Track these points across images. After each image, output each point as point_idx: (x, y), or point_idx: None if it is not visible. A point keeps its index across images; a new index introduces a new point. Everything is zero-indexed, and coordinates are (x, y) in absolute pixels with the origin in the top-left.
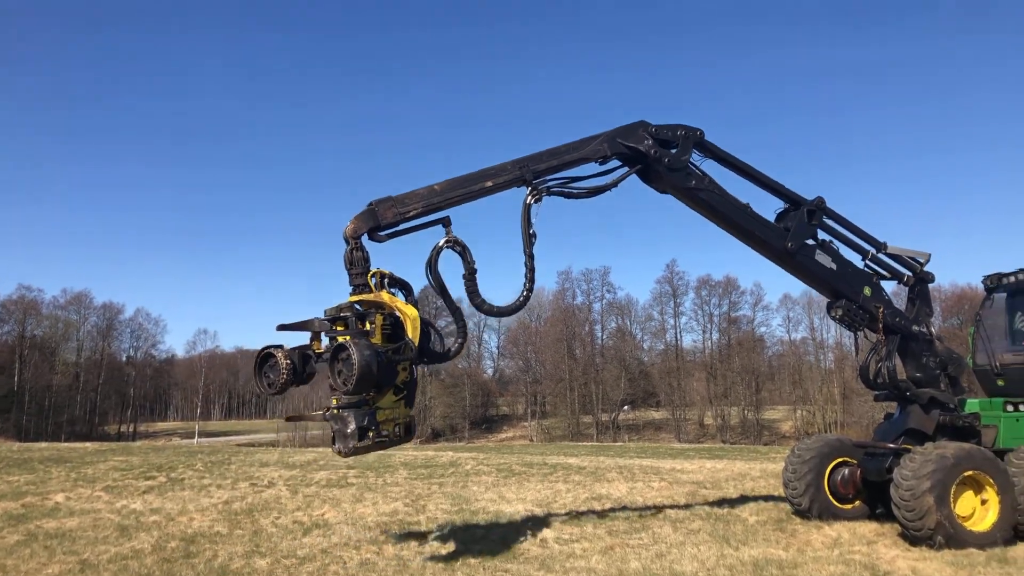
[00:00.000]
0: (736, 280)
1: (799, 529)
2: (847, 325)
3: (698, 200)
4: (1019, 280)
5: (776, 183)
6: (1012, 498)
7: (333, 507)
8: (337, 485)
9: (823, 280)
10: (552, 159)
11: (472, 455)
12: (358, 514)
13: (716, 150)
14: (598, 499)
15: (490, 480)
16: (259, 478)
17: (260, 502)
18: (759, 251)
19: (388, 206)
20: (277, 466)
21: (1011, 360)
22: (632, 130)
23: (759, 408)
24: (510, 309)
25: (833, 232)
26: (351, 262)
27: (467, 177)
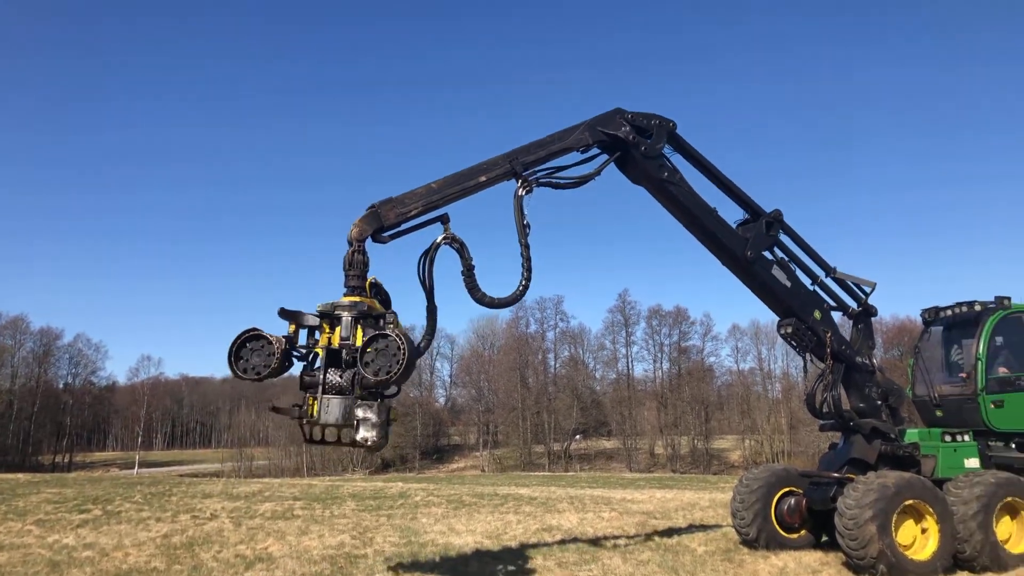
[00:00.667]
0: (686, 311)
1: (746, 559)
2: (795, 344)
3: (668, 194)
4: (956, 314)
5: (739, 190)
6: (951, 527)
7: (277, 540)
8: (282, 517)
9: (777, 295)
10: (539, 150)
11: (422, 486)
12: (303, 547)
13: (686, 145)
14: (549, 530)
15: (440, 511)
16: (201, 510)
17: (201, 535)
18: (720, 257)
19: (390, 207)
20: (220, 497)
21: (948, 391)
22: (610, 118)
23: (708, 437)
24: (511, 299)
25: (787, 250)
26: (351, 264)
27: (462, 174)
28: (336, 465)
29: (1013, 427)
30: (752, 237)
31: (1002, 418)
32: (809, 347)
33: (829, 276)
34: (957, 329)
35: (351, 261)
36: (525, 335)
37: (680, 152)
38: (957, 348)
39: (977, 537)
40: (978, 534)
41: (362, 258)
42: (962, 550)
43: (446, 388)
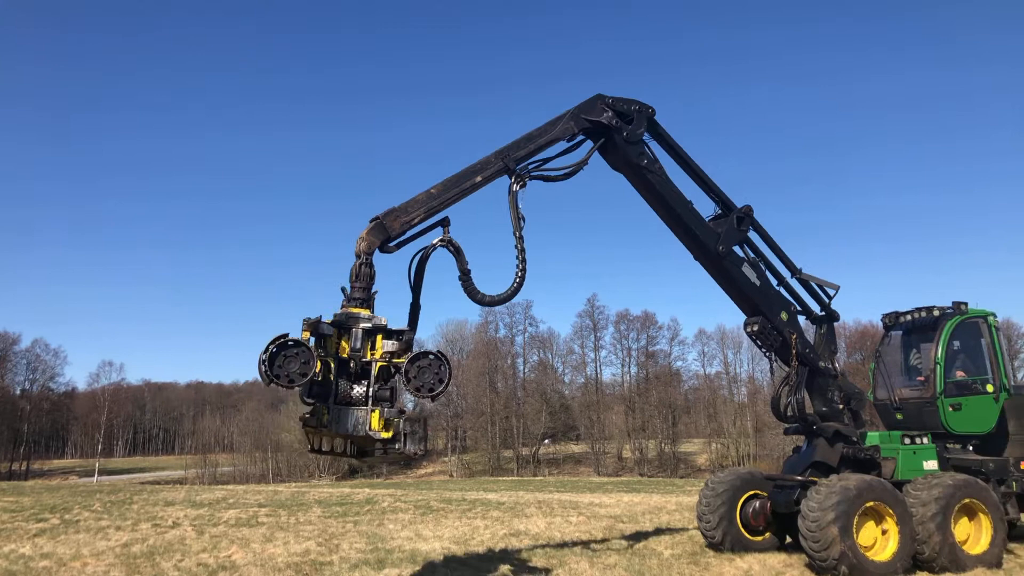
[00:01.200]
0: (654, 315)
1: (712, 562)
2: (760, 343)
3: (646, 182)
4: (915, 319)
5: (713, 183)
6: (911, 528)
7: (241, 548)
8: (247, 524)
9: (745, 293)
10: (529, 144)
11: (389, 492)
12: (268, 554)
13: (664, 133)
14: (516, 535)
15: (407, 517)
16: (163, 518)
17: (162, 544)
18: (692, 249)
19: (394, 217)
20: (183, 505)
21: (908, 395)
22: (592, 104)
23: (675, 441)
24: (507, 295)
25: (755, 248)
26: (358, 276)
27: (459, 176)
28: (302, 471)
29: (970, 430)
30: (724, 231)
31: (960, 421)
32: (774, 347)
33: (794, 276)
34: (916, 334)
35: (358, 273)
36: (494, 340)
37: (658, 140)
38: (916, 352)
39: (936, 538)
40: (937, 535)
41: (369, 271)
42: (921, 551)
43: None
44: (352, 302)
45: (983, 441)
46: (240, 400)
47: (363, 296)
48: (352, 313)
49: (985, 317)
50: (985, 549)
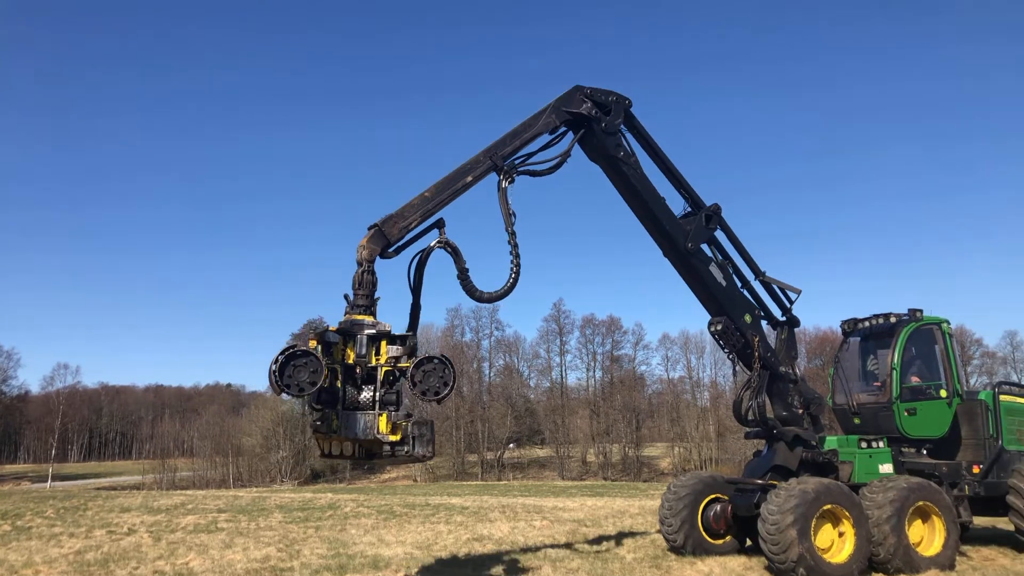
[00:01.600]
0: (619, 320)
1: (674, 566)
2: (722, 343)
3: (621, 174)
4: (872, 325)
5: (684, 179)
6: (867, 530)
7: (199, 554)
8: (205, 530)
9: (711, 292)
10: (514, 140)
11: (352, 496)
12: (227, 561)
13: (640, 127)
14: (480, 540)
15: (370, 523)
16: (118, 525)
17: (117, 551)
18: (662, 245)
19: (392, 223)
20: (140, 511)
21: (865, 400)
22: (571, 96)
23: (639, 445)
24: (504, 291)
25: (722, 248)
26: (360, 283)
27: (450, 177)
28: (263, 476)
29: (924, 434)
30: (693, 229)
31: (914, 425)
32: (736, 347)
33: (758, 279)
34: (874, 340)
35: (361, 281)
36: (460, 344)
37: (633, 132)
38: (874, 358)
39: (891, 540)
40: (891, 537)
41: (371, 278)
42: (877, 553)
43: None
44: (356, 309)
45: (937, 445)
46: (201, 404)
47: (366, 303)
48: (356, 320)
49: (939, 324)
50: (938, 551)
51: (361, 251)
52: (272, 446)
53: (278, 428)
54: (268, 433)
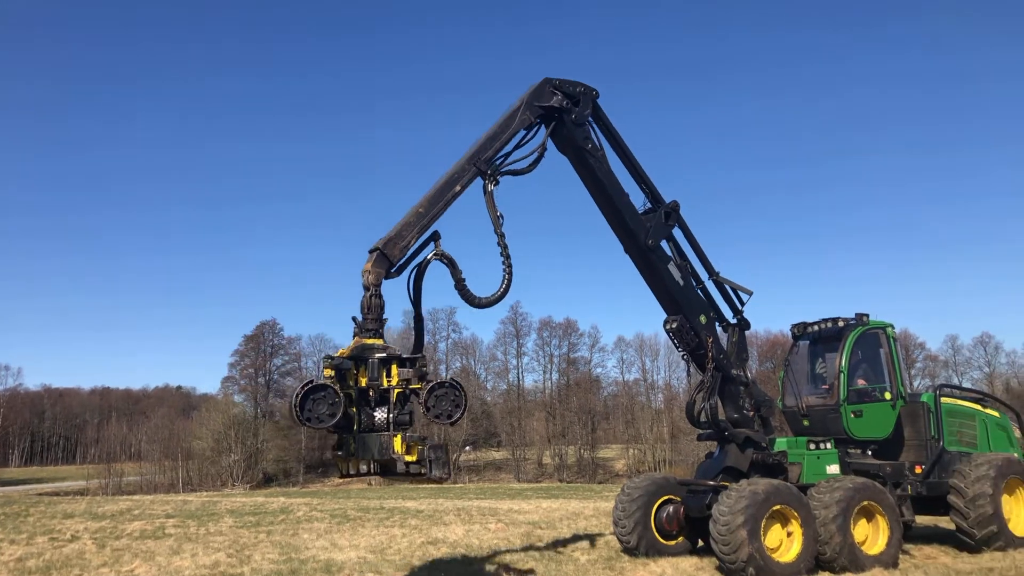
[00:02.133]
0: (576, 322)
1: (627, 567)
2: (677, 342)
3: (588, 166)
4: (822, 329)
5: (645, 174)
6: (814, 530)
7: (145, 561)
8: (152, 536)
9: (669, 291)
10: (494, 143)
11: (305, 500)
12: (174, 568)
13: (605, 119)
14: (434, 543)
15: (323, 527)
16: (61, 531)
17: (60, 559)
18: (623, 240)
19: (392, 244)
20: (83, 517)
21: (814, 402)
22: (541, 90)
23: (594, 447)
24: (499, 295)
25: (678, 246)
26: (369, 308)
27: (439, 190)
28: (214, 480)
29: (870, 435)
30: (653, 225)
31: (861, 427)
32: (690, 346)
33: (711, 278)
34: (822, 344)
35: (370, 305)
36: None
37: (599, 124)
38: (822, 361)
39: (836, 539)
40: (837, 536)
41: (379, 301)
42: (823, 552)
43: None
44: (365, 333)
45: (881, 446)
46: (149, 406)
47: (375, 327)
48: (367, 344)
49: (884, 328)
50: (882, 550)
51: (367, 276)
52: (224, 449)
53: (230, 431)
54: (219, 436)
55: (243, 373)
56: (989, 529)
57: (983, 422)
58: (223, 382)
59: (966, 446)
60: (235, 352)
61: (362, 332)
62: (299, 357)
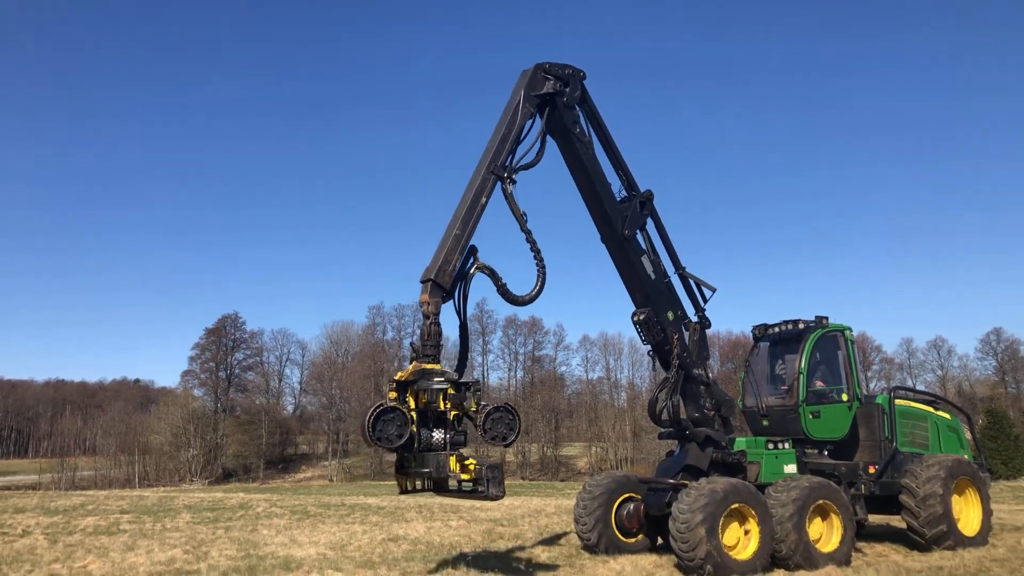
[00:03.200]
0: (541, 321)
1: (587, 564)
2: (643, 334)
3: (573, 151)
4: (782, 331)
5: (624, 162)
6: (770, 528)
7: (99, 557)
8: (106, 532)
9: (639, 282)
10: (505, 144)
11: (265, 496)
12: (128, 564)
13: (590, 101)
14: (395, 540)
15: (283, 523)
16: (11, 526)
17: (10, 554)
18: (601, 228)
19: (442, 272)
20: (35, 512)
21: (773, 403)
22: (535, 77)
23: (557, 445)
24: (537, 291)
25: (648, 239)
26: (429, 335)
27: (468, 206)
28: (172, 475)
29: (827, 435)
30: (629, 215)
31: (818, 427)
32: (655, 340)
33: (677, 272)
34: (782, 345)
35: (429, 332)
36: (381, 342)
37: (584, 108)
38: (782, 363)
39: (792, 537)
40: (793, 534)
41: (438, 329)
42: (779, 549)
43: (295, 396)
44: (425, 358)
45: (837, 446)
46: (106, 400)
47: (434, 352)
48: (427, 369)
49: (843, 331)
50: (836, 547)
51: (426, 307)
52: (182, 444)
53: (189, 426)
54: (178, 431)
55: (203, 367)
56: (939, 528)
57: (935, 424)
58: (183, 376)
59: (918, 447)
60: (196, 346)
61: (421, 357)
62: (261, 352)
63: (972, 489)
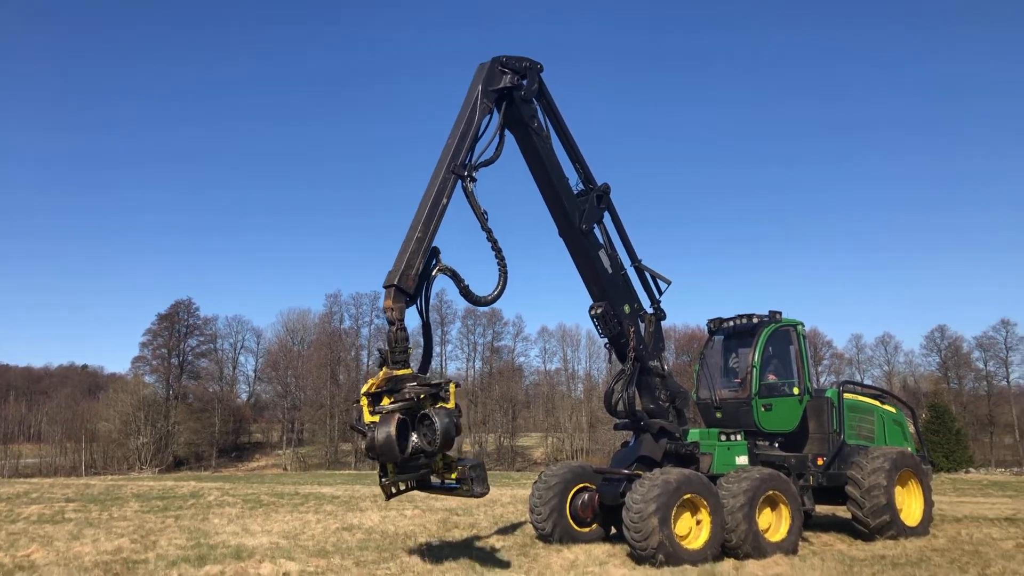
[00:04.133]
0: (500, 312)
1: (541, 553)
2: (600, 327)
3: (531, 145)
4: (735, 325)
5: (581, 156)
6: (721, 518)
7: (43, 546)
8: (51, 521)
9: (596, 276)
10: (464, 142)
11: (217, 485)
12: (73, 553)
13: (547, 94)
14: (349, 529)
15: (235, 512)
16: None
17: None
18: (559, 222)
19: (405, 276)
20: None
21: (727, 395)
22: (492, 72)
23: (514, 435)
24: (499, 291)
25: (606, 232)
26: (396, 341)
27: (429, 208)
28: (121, 463)
29: (778, 428)
30: (587, 209)
31: (770, 420)
32: (612, 333)
33: (633, 264)
34: (736, 339)
35: (396, 338)
36: (339, 331)
37: (541, 101)
38: (735, 356)
39: (742, 527)
40: (743, 524)
41: (404, 334)
42: (729, 539)
43: (249, 383)
44: (395, 365)
45: (787, 439)
46: (52, 386)
47: (403, 359)
48: (399, 376)
49: (795, 326)
50: (784, 537)
51: (391, 312)
52: (132, 432)
53: (139, 413)
54: (128, 418)
55: (155, 353)
56: (882, 518)
57: (881, 417)
58: (133, 362)
59: (864, 440)
60: (147, 331)
61: (391, 364)
62: (215, 338)
63: (915, 481)
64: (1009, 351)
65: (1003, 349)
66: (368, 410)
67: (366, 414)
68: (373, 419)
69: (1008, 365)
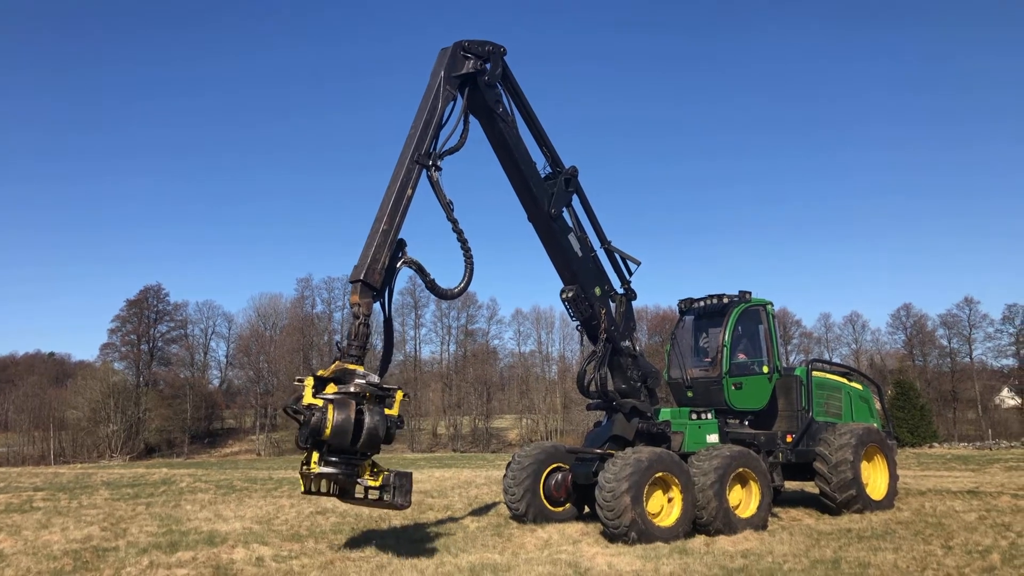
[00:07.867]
0: (474, 294)
1: (515, 533)
2: (572, 310)
3: (497, 130)
4: (706, 305)
5: (548, 139)
6: (692, 496)
7: (11, 535)
8: (19, 510)
9: (566, 260)
10: (427, 130)
11: (190, 471)
12: (42, 542)
13: (512, 77)
14: (323, 513)
15: (207, 498)
16: None
17: None
18: (528, 207)
19: (371, 270)
20: None
21: (698, 375)
22: (455, 57)
23: (489, 417)
24: (465, 283)
25: (576, 215)
26: (356, 335)
27: (394, 200)
28: (91, 451)
29: (748, 406)
30: (555, 193)
31: (740, 398)
32: (584, 316)
33: (603, 246)
34: (707, 319)
35: (357, 333)
36: (311, 315)
37: (506, 85)
38: (706, 336)
39: (713, 504)
40: (714, 501)
41: (367, 330)
42: (700, 516)
43: (221, 369)
44: (349, 358)
45: (757, 416)
46: (18, 374)
47: (360, 354)
48: (349, 370)
49: (764, 305)
50: (754, 513)
51: (357, 308)
52: (101, 419)
53: (109, 400)
54: (97, 405)
55: (124, 340)
56: (849, 493)
57: (848, 394)
58: (102, 349)
59: (832, 416)
60: (116, 318)
61: (345, 357)
62: (185, 324)
63: (880, 456)
64: (972, 329)
65: (966, 327)
66: (311, 391)
67: (307, 395)
68: (315, 401)
69: (971, 342)
